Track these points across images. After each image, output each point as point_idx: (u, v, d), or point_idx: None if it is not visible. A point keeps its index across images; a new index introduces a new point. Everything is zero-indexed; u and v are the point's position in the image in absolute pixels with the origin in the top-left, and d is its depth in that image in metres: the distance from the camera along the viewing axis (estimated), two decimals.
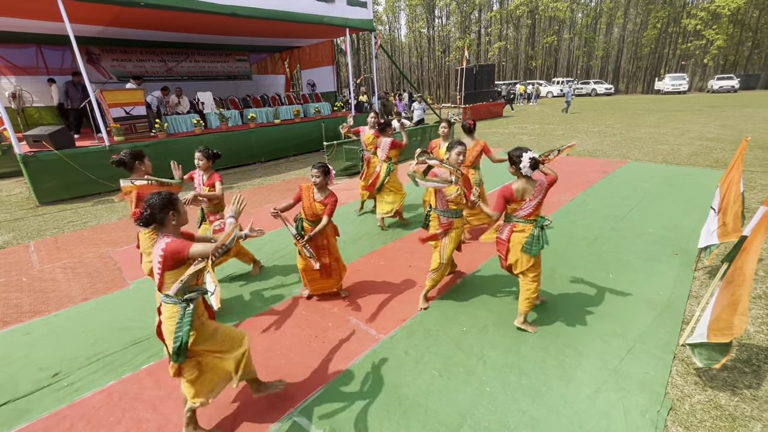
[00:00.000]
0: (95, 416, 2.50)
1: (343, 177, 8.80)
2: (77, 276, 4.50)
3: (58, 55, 11.83)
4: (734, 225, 3.35)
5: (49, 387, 2.78)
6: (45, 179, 7.39)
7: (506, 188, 2.88)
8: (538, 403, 2.43)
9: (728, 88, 30.75)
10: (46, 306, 3.88)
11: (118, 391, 2.70)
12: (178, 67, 14.34)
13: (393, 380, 2.68)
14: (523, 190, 2.86)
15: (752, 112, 16.98)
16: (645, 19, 41.38)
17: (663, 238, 4.70)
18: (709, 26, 36.66)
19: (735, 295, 2.28)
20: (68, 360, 3.05)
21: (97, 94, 8.24)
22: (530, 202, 2.86)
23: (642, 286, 3.69)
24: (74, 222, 6.43)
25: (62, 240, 5.63)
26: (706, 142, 10.58)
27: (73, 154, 7.57)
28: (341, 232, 3.89)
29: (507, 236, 2.99)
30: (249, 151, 10.49)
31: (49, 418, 2.51)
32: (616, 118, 17.57)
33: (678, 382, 2.56)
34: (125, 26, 9.66)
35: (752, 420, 2.26)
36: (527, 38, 46.03)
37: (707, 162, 8.35)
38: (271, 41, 14.02)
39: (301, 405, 2.50)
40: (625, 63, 45.92)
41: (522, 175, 2.83)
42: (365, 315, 3.46)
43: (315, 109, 12.67)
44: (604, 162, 8.77)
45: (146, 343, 3.21)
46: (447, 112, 20.16)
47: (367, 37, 36.24)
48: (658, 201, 6.03)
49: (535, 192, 2.84)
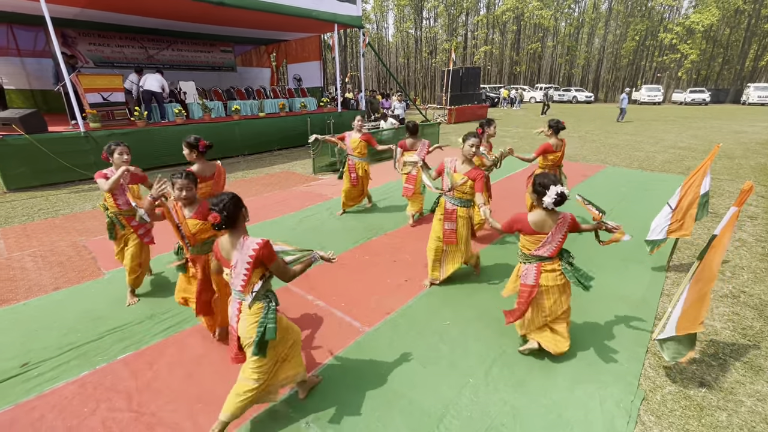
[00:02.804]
0: (68, 407, 2.41)
1: (328, 172, 8.74)
2: (48, 264, 4.31)
3: (31, 35, 11.30)
4: (687, 224, 3.59)
5: (18, 377, 2.66)
6: (14, 165, 7.05)
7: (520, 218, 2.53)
8: (519, 393, 2.49)
9: (699, 101, 32.14)
10: (14, 294, 3.71)
11: (92, 382, 2.60)
12: (159, 54, 13.91)
13: (377, 371, 2.69)
14: (542, 222, 2.50)
15: (721, 124, 17.82)
16: (624, 31, 42.80)
17: (637, 239, 4.86)
18: (684, 41, 38.23)
19: (702, 291, 2.40)
20: (38, 350, 2.93)
21: (73, 78, 7.91)
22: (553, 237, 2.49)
23: (617, 285, 3.82)
24: (45, 210, 6.16)
25: (32, 228, 5.38)
26: (678, 151, 11.03)
27: (45, 139, 7.24)
28: (326, 226, 3.88)
29: (535, 279, 2.57)
30: (233, 143, 10.29)
31: (17, 409, 2.40)
32: (596, 125, 18.10)
33: (650, 374, 2.66)
34: (104, 9, 9.30)
35: (718, 410, 2.37)
36: (512, 44, 46.85)
37: (679, 169, 8.71)
38: (258, 33, 13.79)
39: (285, 395, 2.48)
40: (605, 72, 47.38)
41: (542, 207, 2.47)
42: (350, 308, 3.46)
43: (301, 104, 12.55)
44: (583, 166, 9.03)
45: (121, 332, 3.11)
46: (433, 112, 20.32)
47: (354, 35, 36.11)
48: (633, 204, 6.26)
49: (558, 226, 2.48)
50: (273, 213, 5.98)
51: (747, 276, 4.00)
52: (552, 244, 2.49)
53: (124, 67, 12.47)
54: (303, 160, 9.93)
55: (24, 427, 2.27)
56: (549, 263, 2.56)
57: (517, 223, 2.55)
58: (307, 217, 5.82)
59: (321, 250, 2.34)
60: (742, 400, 2.44)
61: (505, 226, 2.63)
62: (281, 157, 10.60)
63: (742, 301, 3.56)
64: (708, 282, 2.41)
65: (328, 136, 5.90)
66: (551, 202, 2.36)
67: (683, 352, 2.53)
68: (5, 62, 10.84)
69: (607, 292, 3.69)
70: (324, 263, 2.67)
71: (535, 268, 2.57)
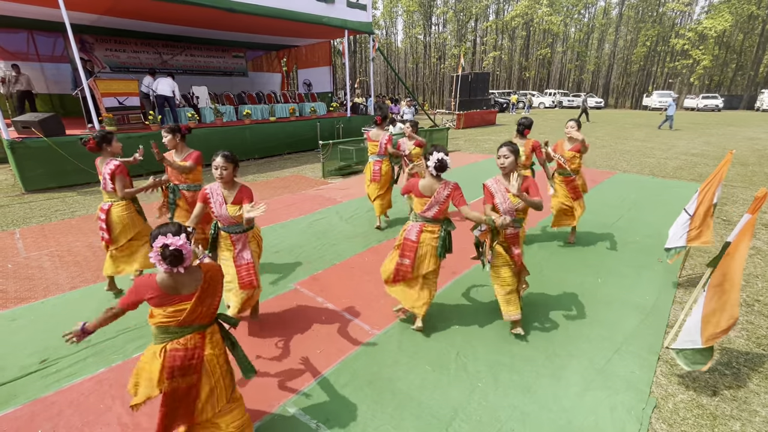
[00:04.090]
0: (84, 403, 2.47)
1: (337, 177, 8.81)
2: (65, 264, 4.42)
3: (50, 41, 11.65)
4: (705, 232, 3.53)
5: (37, 373, 2.73)
6: (32, 166, 7.23)
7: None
8: (528, 399, 2.49)
9: (712, 107, 31.70)
10: (33, 293, 3.80)
11: (109, 379, 2.67)
12: (173, 60, 14.19)
13: (386, 374, 2.71)
14: (429, 186, 2.90)
15: (735, 131, 17.56)
16: (635, 36, 42.48)
17: (648, 246, 4.83)
18: (696, 46, 37.80)
19: (723, 299, 2.38)
20: (56, 347, 3.00)
21: (91, 83, 8.12)
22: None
23: (629, 292, 3.79)
24: (62, 211, 6.31)
25: (49, 228, 5.52)
26: (690, 157, 10.90)
27: (63, 142, 7.43)
28: (336, 230, 3.91)
29: (417, 235, 2.99)
30: (243, 147, 10.43)
31: (36, 404, 2.47)
32: (606, 131, 17.97)
33: (662, 382, 2.64)
34: (121, 16, 9.55)
35: (731, 419, 2.35)
36: (521, 49, 46.80)
37: (692, 176, 8.61)
38: (269, 39, 14.00)
39: (295, 396, 2.51)
40: (615, 78, 47.01)
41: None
42: (359, 311, 3.49)
43: (311, 109, 12.68)
44: (593, 172, 8.97)
45: (137, 331, 3.18)
46: (441, 117, 20.36)
47: (364, 40, 36.41)
48: (644, 211, 6.20)
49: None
50: (283, 216, 6.04)
51: (762, 285, 3.95)
52: (435, 207, 2.88)
53: (139, 72, 12.74)
54: (312, 164, 10.02)
55: (43, 422, 2.33)
56: (431, 225, 2.95)
57: (411, 186, 2.97)
58: (316, 220, 5.87)
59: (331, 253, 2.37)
60: (757, 410, 2.41)
61: (402, 189, 3.11)
62: (291, 160, 10.72)
63: (756, 310, 3.51)
64: (729, 291, 2.36)
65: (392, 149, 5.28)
66: (432, 165, 2.79)
67: (703, 360, 2.48)
68: (26, 67, 11.10)
69: (618, 298, 3.66)
70: (335, 266, 2.70)
71: (419, 226, 2.97)
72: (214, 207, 2.81)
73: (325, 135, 11.34)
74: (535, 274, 3.99)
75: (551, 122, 22.07)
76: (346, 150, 9.32)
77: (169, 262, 1.69)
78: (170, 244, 1.67)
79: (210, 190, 2.82)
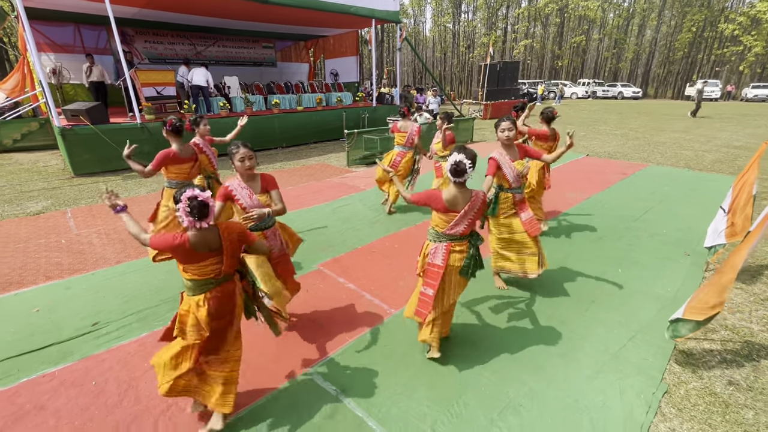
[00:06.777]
0: (130, 361, 2.77)
1: (361, 165, 8.97)
2: (111, 241, 4.82)
3: (95, 34, 12.31)
4: (743, 226, 3.41)
5: (90, 334, 3.06)
6: (80, 152, 7.79)
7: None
8: (538, 377, 2.58)
9: (764, 96, 29.57)
10: (84, 266, 4.20)
11: (151, 342, 2.95)
12: (206, 51, 14.68)
13: (402, 349, 2.86)
14: (454, 200, 2.39)
15: None
16: (680, 22, 39.96)
17: (677, 240, 4.72)
18: (747, 32, 35.17)
19: (716, 278, 2.38)
20: (105, 312, 3.34)
21: (132, 74, 8.59)
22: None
23: (650, 282, 3.76)
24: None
25: (97, 209, 5.98)
26: (732, 150, 10.34)
27: (107, 129, 7.95)
28: (359, 216, 4.05)
29: (443, 260, 2.47)
30: (271, 135, 10.76)
31: (90, 360, 2.78)
32: (641, 122, 17.21)
33: (676, 369, 2.66)
34: (159, 8, 9.98)
35: (745, 408, 2.35)
36: (555, 37, 45.05)
37: (731, 169, 8.20)
38: (298, 29, 14.22)
39: (317, 365, 2.70)
40: (656, 66, 44.54)
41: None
42: (378, 292, 3.65)
43: (337, 99, 12.86)
44: (624, 164, 8.70)
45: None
46: (468, 107, 20.07)
47: (391, 30, 36.14)
48: (676, 204, 6.01)
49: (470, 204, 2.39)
50: (310, 202, 6.28)
51: None
52: (463, 223, 2.41)
53: (175, 63, 13.28)
54: (338, 153, 10.22)
55: (96, 375, 2.63)
56: (459, 243, 2.47)
57: (431, 198, 2.43)
58: (341, 206, 6.07)
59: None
60: None
61: (416, 197, 2.50)
62: (317, 149, 10.96)
63: None
64: (726, 272, 2.33)
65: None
66: (449, 170, 2.31)
67: (682, 333, 2.57)
68: (72, 59, 11.86)
69: (638, 288, 3.65)
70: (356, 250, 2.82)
71: (444, 247, 2.46)
72: (243, 200, 2.60)
73: (350, 124, 11.50)
74: (555, 264, 4.02)
75: (582, 113, 21.31)
76: (371, 139, 9.45)
77: (196, 214, 1.83)
78: (197, 195, 1.84)
79: (232, 186, 2.61)
